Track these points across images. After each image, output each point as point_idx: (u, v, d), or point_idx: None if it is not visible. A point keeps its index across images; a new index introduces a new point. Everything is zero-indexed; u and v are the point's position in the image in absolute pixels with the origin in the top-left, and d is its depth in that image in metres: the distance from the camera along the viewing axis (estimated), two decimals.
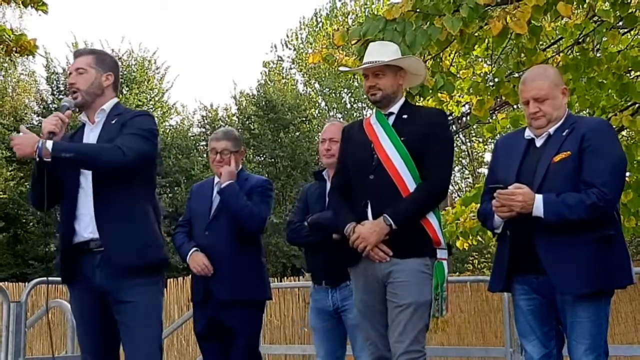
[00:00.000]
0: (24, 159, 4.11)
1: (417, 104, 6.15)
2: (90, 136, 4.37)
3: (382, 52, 4.60)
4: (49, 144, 4.01)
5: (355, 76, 8.81)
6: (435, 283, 4.27)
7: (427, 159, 4.36)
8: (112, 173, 4.20)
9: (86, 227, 4.24)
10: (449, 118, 9.31)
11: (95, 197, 4.21)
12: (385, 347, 4.38)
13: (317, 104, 33.80)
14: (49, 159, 4.01)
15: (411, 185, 4.34)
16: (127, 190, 4.27)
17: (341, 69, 6.04)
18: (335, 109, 33.79)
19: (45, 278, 5.10)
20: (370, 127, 4.56)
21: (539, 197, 3.89)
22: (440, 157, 4.41)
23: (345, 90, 33.40)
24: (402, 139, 4.39)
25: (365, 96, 27.02)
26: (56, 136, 4.14)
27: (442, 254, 4.37)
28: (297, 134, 27.97)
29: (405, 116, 4.51)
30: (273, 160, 27.73)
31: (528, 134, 4.22)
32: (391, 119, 4.52)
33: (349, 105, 33.79)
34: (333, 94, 33.88)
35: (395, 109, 4.54)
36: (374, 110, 4.66)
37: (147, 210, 4.40)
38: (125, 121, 4.35)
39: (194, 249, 5.35)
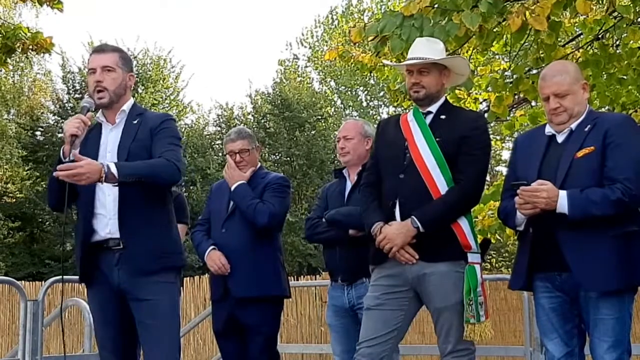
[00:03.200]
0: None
1: None
2: (110, 136, 4.35)
3: (428, 48, 4.50)
4: (114, 169, 4.01)
5: (372, 74, 8.75)
6: (467, 288, 4.18)
7: (461, 162, 4.28)
8: (166, 187, 4.39)
9: (105, 226, 4.23)
10: None
11: (120, 197, 4.20)
12: (378, 347, 4.31)
13: (333, 102, 33.78)
14: (115, 184, 4.06)
15: (442, 188, 4.25)
16: (152, 192, 4.28)
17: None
18: (351, 107, 33.76)
19: (65, 276, 5.12)
20: (406, 124, 4.47)
21: (563, 193, 3.84)
22: (474, 161, 4.31)
23: (362, 88, 33.36)
24: (437, 139, 4.31)
25: (381, 94, 27.01)
26: (78, 138, 4.12)
27: (473, 257, 4.28)
28: (313, 132, 27.98)
29: (443, 117, 4.42)
30: (289, 158, 27.75)
31: (549, 130, 4.17)
32: (429, 118, 4.43)
33: (365, 104, 33.76)
34: (349, 92, 33.85)
35: (434, 108, 4.44)
36: (413, 107, 4.57)
37: (170, 213, 4.43)
38: (155, 127, 4.34)
39: (212, 247, 5.35)
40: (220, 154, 27.00)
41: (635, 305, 4.14)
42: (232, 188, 5.37)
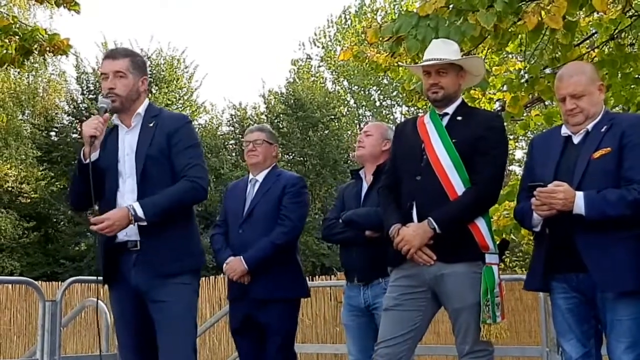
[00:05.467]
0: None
1: None
2: (126, 139, 4.38)
3: (445, 49, 4.52)
4: (140, 212, 4.14)
5: (387, 73, 8.74)
6: (484, 288, 4.19)
7: (478, 163, 4.28)
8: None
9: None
10: None
11: (139, 199, 4.23)
12: (396, 348, 4.33)
13: (346, 102, 33.78)
14: (145, 223, 4.16)
15: (459, 189, 4.26)
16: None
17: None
18: (364, 107, 33.75)
19: (80, 277, 5.17)
20: (423, 126, 4.48)
21: (579, 195, 3.84)
22: (491, 162, 4.32)
23: (375, 87, 33.32)
24: (453, 141, 4.31)
25: (394, 93, 26.91)
26: (97, 139, 4.19)
27: (491, 258, 4.28)
28: (326, 132, 27.96)
29: (459, 118, 4.43)
30: (302, 158, 27.74)
31: (565, 131, 4.17)
32: (445, 120, 4.44)
33: (378, 103, 33.72)
34: (362, 92, 33.81)
35: (450, 109, 4.46)
36: (429, 109, 4.58)
37: (190, 214, 4.48)
38: (172, 132, 4.37)
39: (230, 257, 5.35)
40: (234, 154, 27.03)
41: None
42: (246, 267, 5.26)
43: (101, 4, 49.81)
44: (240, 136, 6.53)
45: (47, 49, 7.81)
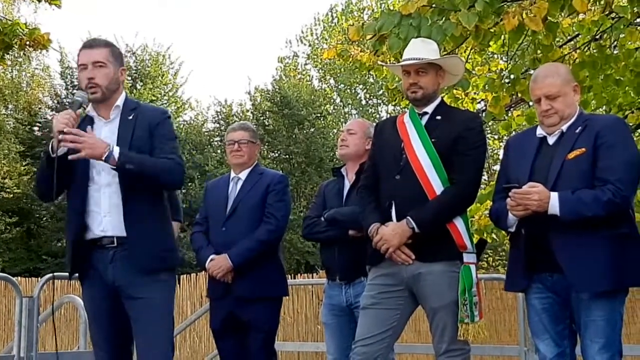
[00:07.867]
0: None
1: None
2: (104, 131, 4.27)
3: (424, 49, 4.53)
4: (116, 152, 4.02)
5: (371, 72, 8.74)
6: (462, 288, 4.20)
7: (457, 162, 4.29)
8: (164, 188, 4.42)
9: (99, 224, 4.21)
10: None
11: (116, 195, 4.18)
12: (374, 347, 4.32)
13: (332, 100, 33.76)
14: (115, 167, 4.04)
15: (438, 188, 4.27)
16: (149, 190, 4.26)
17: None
18: (350, 105, 33.74)
19: (58, 273, 5.17)
20: (402, 125, 4.49)
21: (554, 195, 3.86)
22: (470, 162, 4.33)
23: (361, 86, 33.34)
24: (433, 140, 4.32)
25: (380, 92, 26.85)
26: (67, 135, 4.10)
27: (469, 257, 4.30)
28: (312, 130, 27.95)
29: (438, 117, 4.44)
30: (287, 156, 27.73)
31: (540, 132, 4.19)
32: (424, 119, 4.45)
33: (364, 102, 33.73)
34: (348, 90, 33.81)
35: (430, 109, 4.46)
36: (409, 108, 4.59)
37: (166, 211, 4.43)
38: (155, 123, 4.30)
39: (212, 255, 5.34)
40: (219, 151, 26.98)
41: (628, 305, 4.15)
42: (231, 263, 5.25)
43: (89, 2, 49.73)
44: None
45: (27, 43, 7.79)
